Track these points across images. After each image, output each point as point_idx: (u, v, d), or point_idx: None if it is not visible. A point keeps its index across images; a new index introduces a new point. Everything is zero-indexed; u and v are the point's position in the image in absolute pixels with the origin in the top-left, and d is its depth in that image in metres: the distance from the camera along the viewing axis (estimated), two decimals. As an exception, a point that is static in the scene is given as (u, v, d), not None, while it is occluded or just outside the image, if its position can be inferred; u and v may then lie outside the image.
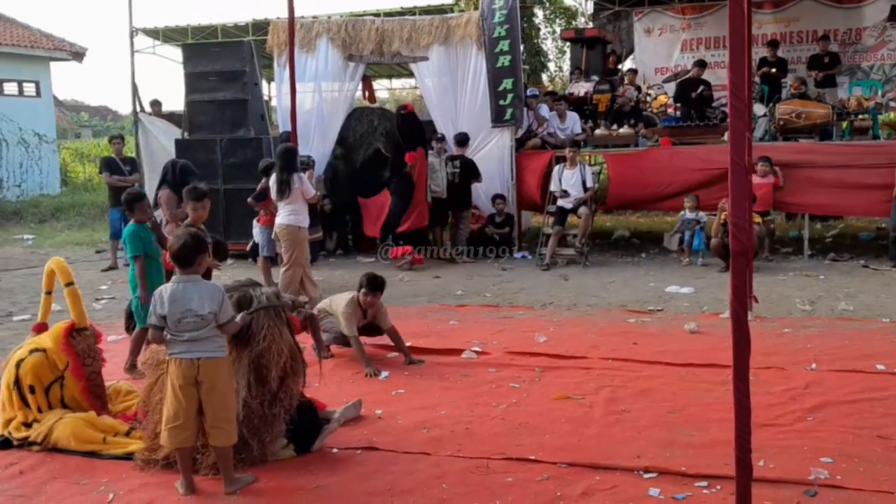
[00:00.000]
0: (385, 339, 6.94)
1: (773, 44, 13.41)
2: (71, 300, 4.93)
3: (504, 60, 11.71)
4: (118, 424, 4.78)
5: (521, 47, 12.80)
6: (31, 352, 4.83)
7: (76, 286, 4.95)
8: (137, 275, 5.90)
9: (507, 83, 11.73)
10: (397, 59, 12.89)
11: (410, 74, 15.13)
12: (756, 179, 9.92)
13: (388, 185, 12.01)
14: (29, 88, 23.02)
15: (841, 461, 4.12)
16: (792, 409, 4.98)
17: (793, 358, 6.07)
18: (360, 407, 5.09)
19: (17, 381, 4.78)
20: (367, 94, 15.76)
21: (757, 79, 12.45)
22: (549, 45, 22.90)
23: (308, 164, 10.53)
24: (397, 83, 20.98)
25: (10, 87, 22.60)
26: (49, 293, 5.22)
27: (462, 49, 12.01)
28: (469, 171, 11.54)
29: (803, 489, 3.78)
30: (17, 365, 4.80)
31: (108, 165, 12.08)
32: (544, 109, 12.57)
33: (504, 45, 11.71)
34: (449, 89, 12.19)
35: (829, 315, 7.59)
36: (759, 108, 11.53)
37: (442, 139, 11.75)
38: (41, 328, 5.14)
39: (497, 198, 11.78)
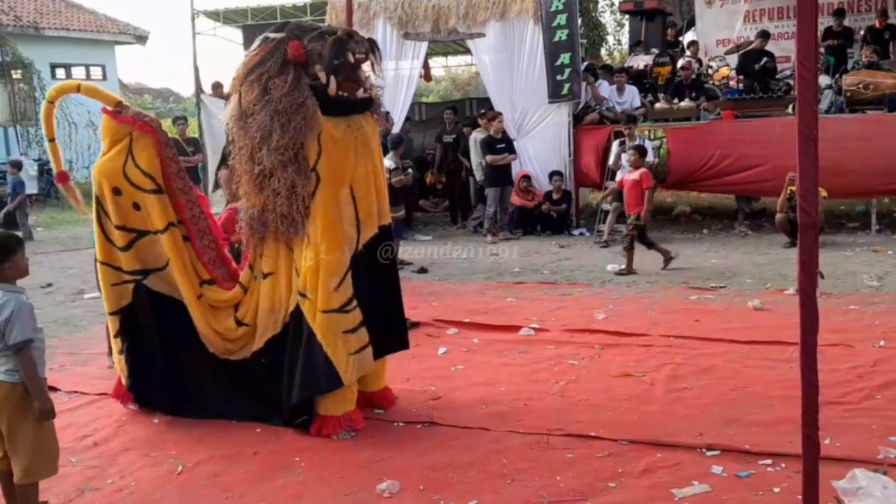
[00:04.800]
0: (443, 314, 7.00)
1: (839, 13, 12.94)
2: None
3: (561, 34, 11.56)
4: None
5: (579, 21, 12.62)
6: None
7: None
8: None
9: (564, 58, 11.58)
10: (453, 37, 12.83)
11: (467, 51, 15.05)
12: (628, 174, 8.97)
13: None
14: (96, 72, 23.60)
15: (911, 440, 4.02)
16: (859, 386, 4.87)
17: (860, 335, 5.92)
18: None
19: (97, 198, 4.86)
20: (423, 72, 15.73)
21: (822, 49, 12.06)
22: (607, 18, 22.55)
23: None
24: (453, 60, 20.87)
25: (78, 72, 23.20)
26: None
27: (519, 24, 11.89)
28: None
29: (872, 468, 3.69)
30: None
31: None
32: (604, 88, 12.39)
33: (561, 18, 11.56)
34: (505, 66, 12.10)
35: (899, 291, 7.38)
36: (824, 80, 11.18)
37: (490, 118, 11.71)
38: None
39: (554, 174, 11.67)
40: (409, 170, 10.13)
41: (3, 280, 3.41)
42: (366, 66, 4.54)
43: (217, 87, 14.08)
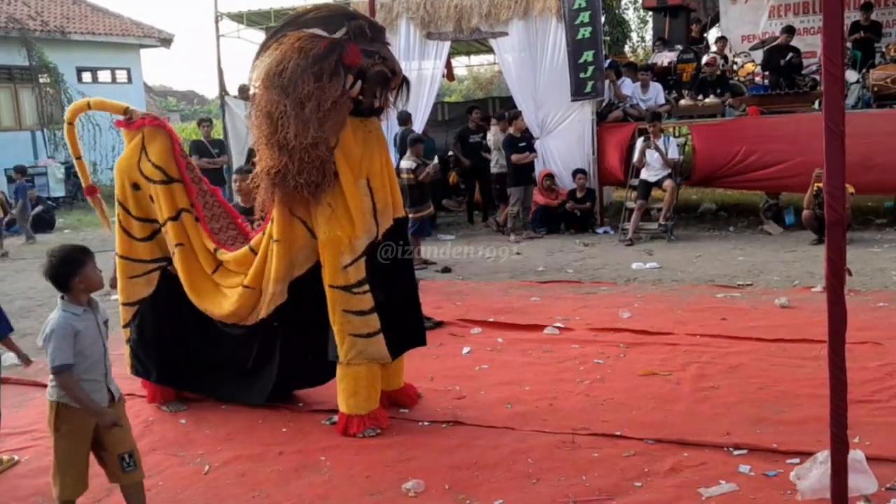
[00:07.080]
0: (467, 313, 7.00)
1: (867, 7, 12.75)
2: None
3: (584, 32, 11.52)
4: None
5: (602, 18, 12.57)
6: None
7: None
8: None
9: (587, 55, 11.53)
10: (476, 36, 12.84)
11: (489, 50, 15.03)
12: None
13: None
14: (121, 75, 23.84)
15: (943, 439, 3.96)
16: (888, 384, 4.81)
17: (889, 332, 5.84)
18: None
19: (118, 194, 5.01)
20: (446, 72, 15.74)
21: (849, 44, 11.90)
22: (630, 15, 22.46)
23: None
24: (475, 60, 20.85)
25: (104, 75, 23.45)
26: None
27: (542, 22, 11.87)
28: None
29: (902, 468, 3.66)
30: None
31: (198, 148, 12.43)
32: (627, 85, 12.32)
33: (584, 16, 11.51)
34: (528, 64, 12.08)
35: (930, 288, 7.28)
36: (851, 75, 11.04)
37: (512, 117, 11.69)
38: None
39: (578, 173, 11.63)
40: (435, 161, 10.10)
41: (75, 295, 3.26)
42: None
43: (242, 89, 14.18)
